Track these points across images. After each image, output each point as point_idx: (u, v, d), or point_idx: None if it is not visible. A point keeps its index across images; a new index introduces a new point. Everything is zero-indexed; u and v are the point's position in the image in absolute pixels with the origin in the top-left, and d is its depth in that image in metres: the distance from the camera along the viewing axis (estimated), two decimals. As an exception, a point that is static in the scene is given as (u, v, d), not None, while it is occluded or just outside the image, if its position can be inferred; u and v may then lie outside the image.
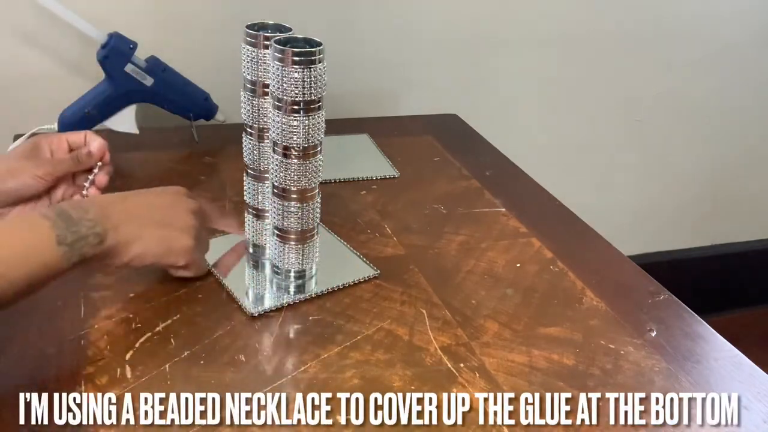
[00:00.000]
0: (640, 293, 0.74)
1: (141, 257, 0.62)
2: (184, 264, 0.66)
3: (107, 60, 0.92)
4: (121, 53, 0.92)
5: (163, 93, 0.96)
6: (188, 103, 0.99)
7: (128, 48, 0.92)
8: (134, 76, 0.93)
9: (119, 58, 0.92)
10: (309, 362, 0.60)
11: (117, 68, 0.92)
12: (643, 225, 1.57)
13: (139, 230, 0.62)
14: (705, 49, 1.41)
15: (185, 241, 0.65)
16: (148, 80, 0.94)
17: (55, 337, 0.61)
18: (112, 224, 0.59)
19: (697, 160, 1.54)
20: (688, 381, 0.61)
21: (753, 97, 1.52)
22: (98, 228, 0.58)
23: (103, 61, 0.92)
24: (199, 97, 1.01)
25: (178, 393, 0.55)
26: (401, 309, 0.68)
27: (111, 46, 0.91)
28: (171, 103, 0.98)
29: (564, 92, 1.35)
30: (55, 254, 0.55)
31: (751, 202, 1.65)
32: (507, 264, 0.76)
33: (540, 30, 1.28)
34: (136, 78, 0.93)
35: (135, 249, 0.61)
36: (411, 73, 1.23)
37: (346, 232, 0.80)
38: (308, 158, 0.63)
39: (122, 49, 0.92)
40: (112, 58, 0.92)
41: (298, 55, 0.59)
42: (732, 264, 1.70)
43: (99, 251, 0.58)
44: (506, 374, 0.60)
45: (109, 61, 0.92)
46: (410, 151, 1.03)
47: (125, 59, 0.92)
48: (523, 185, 0.97)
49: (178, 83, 0.98)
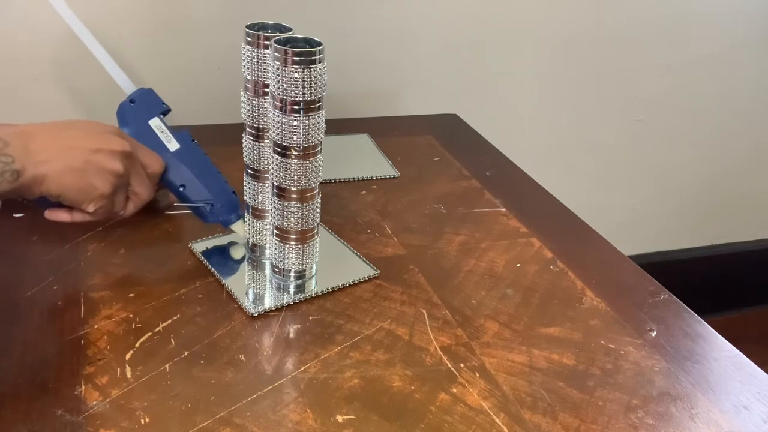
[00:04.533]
0: (640, 293, 0.74)
1: (54, 195, 0.63)
2: (92, 210, 0.66)
3: (131, 105, 0.76)
4: (150, 104, 0.77)
5: (186, 167, 0.75)
6: (211, 190, 0.76)
7: (160, 104, 0.77)
8: (158, 133, 0.76)
9: (146, 107, 0.76)
10: (309, 362, 0.60)
11: (140, 118, 0.76)
12: (643, 225, 1.57)
13: (58, 169, 0.62)
14: (705, 49, 1.41)
15: (102, 188, 0.65)
16: (173, 144, 0.76)
17: (55, 337, 0.61)
18: (31, 160, 0.60)
19: (697, 160, 1.54)
20: (688, 381, 0.61)
21: (753, 97, 1.52)
22: (16, 165, 0.58)
23: (125, 106, 0.76)
24: (227, 188, 0.77)
25: (178, 393, 0.55)
26: (401, 309, 0.68)
27: (141, 92, 0.77)
28: (191, 184, 0.76)
29: (564, 92, 1.35)
30: None
31: (751, 202, 1.65)
32: (507, 264, 0.76)
33: (540, 30, 1.28)
34: (158, 136, 0.76)
35: (50, 187, 0.62)
36: (411, 73, 1.23)
37: (346, 232, 0.80)
38: (308, 158, 0.63)
39: (152, 100, 0.77)
40: (138, 104, 0.76)
41: (298, 55, 0.59)
42: (732, 264, 1.70)
43: (14, 186, 0.59)
44: (506, 374, 0.60)
45: (134, 107, 0.76)
46: (410, 151, 1.03)
47: (153, 112, 0.77)
48: (523, 185, 0.97)
49: (205, 163, 0.77)
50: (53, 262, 0.70)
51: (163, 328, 0.62)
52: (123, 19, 1.02)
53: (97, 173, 0.65)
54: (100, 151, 0.65)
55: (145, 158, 0.71)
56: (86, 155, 0.64)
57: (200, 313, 0.65)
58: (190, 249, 0.74)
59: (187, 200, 0.76)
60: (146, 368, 0.58)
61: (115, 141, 0.67)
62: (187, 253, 0.74)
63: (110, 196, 0.66)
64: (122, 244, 0.74)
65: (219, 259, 0.72)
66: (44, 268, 0.69)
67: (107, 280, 0.68)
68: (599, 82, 1.37)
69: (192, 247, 0.74)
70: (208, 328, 0.63)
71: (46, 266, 0.70)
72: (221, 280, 0.69)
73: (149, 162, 0.72)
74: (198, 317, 0.64)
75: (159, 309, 0.65)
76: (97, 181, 0.65)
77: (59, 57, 1.00)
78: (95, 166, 0.64)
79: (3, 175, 0.58)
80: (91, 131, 0.66)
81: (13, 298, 0.65)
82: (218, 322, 0.64)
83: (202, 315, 0.65)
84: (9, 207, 0.79)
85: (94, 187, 0.65)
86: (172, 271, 0.71)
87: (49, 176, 0.61)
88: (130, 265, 0.71)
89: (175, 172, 0.75)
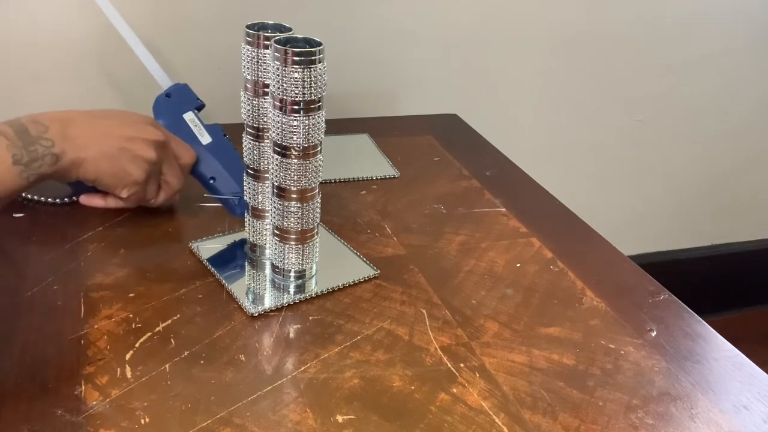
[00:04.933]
0: (640, 293, 0.74)
1: (90, 179, 0.66)
2: (126, 196, 0.69)
3: (167, 99, 0.79)
4: (186, 98, 0.80)
5: (217, 160, 0.79)
6: (240, 183, 0.79)
7: (195, 99, 0.81)
8: (191, 126, 0.79)
9: (182, 101, 0.80)
10: (309, 362, 0.60)
11: (175, 112, 0.79)
12: (643, 225, 1.57)
13: (95, 154, 0.65)
14: (705, 49, 1.41)
15: (136, 174, 0.68)
16: (205, 138, 0.80)
17: (55, 337, 0.61)
18: (70, 145, 0.62)
19: (697, 160, 1.54)
20: (688, 381, 0.61)
21: (753, 97, 1.52)
22: (55, 148, 0.61)
23: (161, 100, 0.80)
24: None
25: (178, 393, 0.55)
26: (401, 309, 0.68)
27: (177, 87, 0.81)
28: (221, 176, 0.79)
29: (564, 92, 1.35)
30: (10, 173, 0.58)
31: (751, 202, 1.65)
32: (507, 264, 0.76)
33: (540, 30, 1.28)
34: (192, 129, 0.79)
35: (87, 171, 0.65)
36: (411, 73, 1.23)
37: (346, 232, 0.80)
38: (308, 158, 0.63)
39: (188, 95, 0.81)
40: (174, 98, 0.80)
41: (298, 55, 0.59)
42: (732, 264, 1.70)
43: (54, 170, 0.61)
44: (506, 374, 0.60)
45: (170, 101, 0.79)
46: (410, 151, 1.03)
47: (188, 107, 0.80)
48: (523, 185, 0.97)
49: (236, 158, 0.80)
50: (53, 262, 0.70)
51: (163, 328, 0.62)
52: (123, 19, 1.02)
53: (131, 160, 0.68)
54: (135, 139, 0.68)
55: (178, 149, 0.74)
56: (122, 142, 0.67)
57: (200, 313, 0.65)
58: (190, 249, 0.74)
59: (216, 192, 0.80)
60: (146, 368, 0.58)
61: (149, 130, 0.70)
62: (187, 253, 0.74)
63: (143, 182, 0.70)
64: (122, 244, 0.74)
65: (219, 259, 0.72)
66: (44, 268, 0.69)
67: (107, 280, 0.68)
68: (599, 82, 1.37)
69: (192, 247, 0.74)
70: (208, 328, 0.63)
71: (46, 266, 0.70)
72: (221, 280, 0.69)
73: (182, 153, 0.75)
74: (198, 317, 0.64)
75: (159, 309, 0.65)
76: (132, 168, 0.68)
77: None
78: (130, 153, 0.67)
79: (44, 159, 0.60)
80: (127, 120, 0.69)
81: (13, 298, 0.65)
82: (218, 322, 0.64)
83: (202, 315, 0.65)
84: (9, 207, 0.79)
85: (128, 173, 0.68)
86: (172, 271, 0.71)
87: (87, 161, 0.64)
88: (130, 265, 0.71)
89: (206, 165, 0.79)
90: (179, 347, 0.60)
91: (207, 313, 0.65)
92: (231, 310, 0.66)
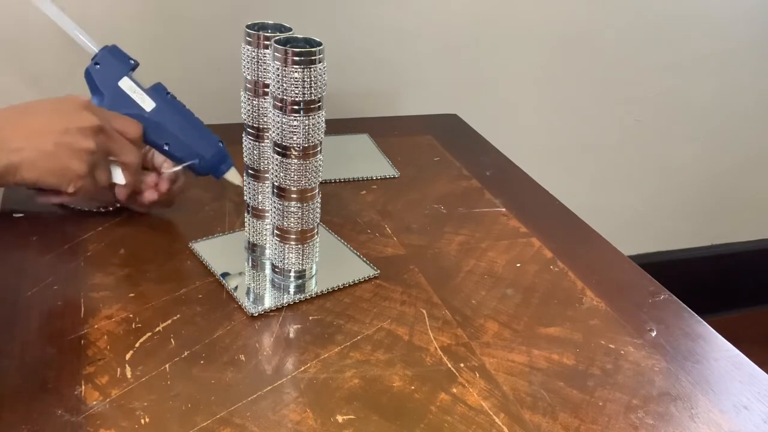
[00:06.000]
0: (640, 293, 0.74)
1: (30, 183, 0.63)
2: (73, 191, 0.66)
3: (97, 69, 0.73)
4: (117, 63, 0.73)
5: (166, 125, 0.74)
6: (197, 145, 0.75)
7: (127, 60, 0.74)
8: (130, 94, 0.73)
9: (113, 68, 0.73)
10: (309, 362, 0.60)
11: (109, 81, 0.73)
12: (643, 225, 1.57)
13: (31, 156, 0.62)
14: (705, 49, 1.41)
15: (78, 168, 0.64)
16: (148, 104, 0.73)
17: (55, 337, 0.61)
18: (8, 148, 0.60)
19: (697, 160, 1.54)
20: (688, 381, 0.61)
21: (753, 97, 1.52)
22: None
23: (91, 70, 0.73)
24: (212, 139, 0.77)
25: (178, 393, 0.55)
26: (401, 309, 0.68)
27: (105, 50, 0.74)
28: (174, 141, 0.74)
29: (564, 92, 1.35)
30: None
31: (751, 202, 1.65)
32: (507, 264, 0.76)
33: (540, 30, 1.28)
34: (131, 98, 0.73)
35: (24, 175, 0.62)
36: (411, 73, 1.23)
37: (346, 232, 0.80)
38: (308, 158, 0.63)
39: (119, 59, 0.74)
40: (103, 67, 0.73)
41: (298, 55, 0.59)
42: (732, 264, 1.70)
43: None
44: (506, 374, 0.60)
45: (100, 70, 0.73)
46: (410, 151, 1.03)
47: (121, 72, 0.73)
48: (523, 185, 0.97)
49: (187, 115, 0.76)
50: (53, 262, 0.70)
51: (163, 328, 0.62)
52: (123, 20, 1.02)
53: (70, 155, 0.64)
54: (69, 131, 0.64)
55: (120, 125, 0.70)
56: (56, 137, 0.63)
57: (200, 313, 0.65)
58: (190, 249, 0.74)
59: (174, 158, 0.75)
60: (146, 368, 0.58)
61: (83, 117, 0.65)
62: (187, 253, 0.74)
63: (88, 174, 0.66)
64: (122, 244, 0.74)
65: (219, 259, 0.72)
66: (44, 268, 0.69)
67: (107, 280, 0.68)
68: (599, 82, 1.37)
69: (192, 247, 0.74)
70: (208, 328, 0.63)
71: (46, 266, 0.70)
72: (221, 280, 0.69)
73: (126, 128, 0.70)
74: (198, 317, 0.64)
75: (159, 309, 0.65)
76: (72, 163, 0.64)
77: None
78: (67, 148, 0.63)
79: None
80: (57, 111, 0.65)
81: (13, 298, 0.65)
82: (218, 322, 0.64)
83: (202, 315, 0.65)
84: (9, 207, 0.79)
85: (69, 168, 0.64)
86: (172, 271, 0.71)
87: (23, 164, 0.61)
88: (130, 265, 0.71)
89: (157, 133, 0.74)
90: (179, 347, 0.60)
91: (207, 313, 0.65)
92: (231, 310, 0.66)
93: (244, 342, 0.62)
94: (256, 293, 0.69)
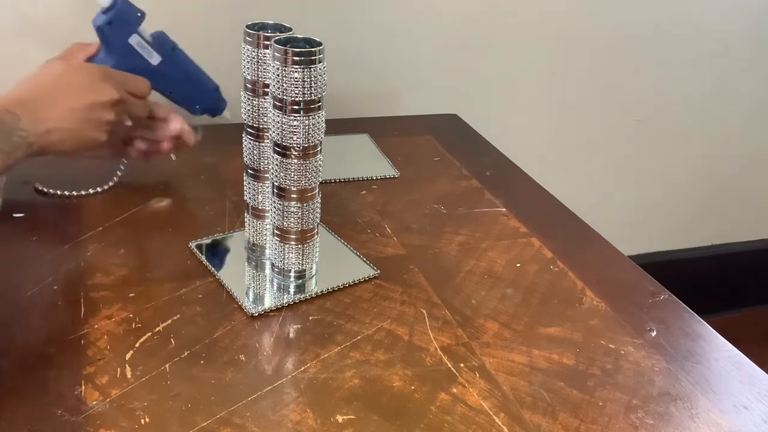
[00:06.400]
0: (640, 293, 0.74)
1: (57, 154, 0.69)
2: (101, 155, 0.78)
3: (109, 27, 0.77)
4: (127, 20, 0.78)
5: (170, 76, 0.83)
6: (196, 93, 0.86)
7: (136, 15, 0.79)
8: (139, 50, 0.79)
9: (124, 26, 0.78)
10: (309, 362, 0.60)
11: (120, 39, 0.78)
12: (643, 225, 1.57)
13: (62, 135, 0.68)
14: (705, 49, 1.41)
15: (99, 138, 0.71)
16: (155, 58, 0.81)
17: (55, 337, 0.61)
18: (40, 131, 0.65)
19: (697, 159, 1.54)
20: (688, 381, 0.61)
21: (753, 97, 1.52)
22: (30, 137, 0.64)
23: (104, 28, 0.77)
24: (209, 87, 0.88)
25: (178, 393, 0.55)
26: (401, 309, 0.68)
27: (116, 9, 0.77)
28: (177, 89, 0.84)
29: (564, 92, 1.35)
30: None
31: (751, 202, 1.65)
32: (507, 264, 0.76)
33: (540, 30, 1.28)
34: (141, 53, 0.80)
35: (54, 149, 0.68)
36: (411, 73, 1.23)
37: (346, 232, 0.80)
38: (308, 158, 0.63)
39: (129, 16, 0.78)
40: (115, 25, 0.77)
41: (298, 55, 0.59)
42: (732, 264, 1.70)
43: (26, 156, 0.65)
44: (506, 374, 0.60)
45: (112, 28, 0.77)
46: (410, 151, 1.03)
47: (131, 29, 0.78)
48: (523, 185, 0.97)
49: (188, 66, 0.85)
50: (53, 262, 0.70)
51: (163, 328, 0.62)
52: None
53: (94, 128, 0.70)
54: (94, 107, 0.70)
55: (131, 87, 0.76)
56: (83, 113, 0.69)
57: (200, 313, 0.65)
58: (190, 249, 0.74)
59: (177, 102, 0.86)
60: (146, 368, 0.58)
61: (104, 90, 0.71)
62: (187, 253, 0.74)
63: (107, 141, 0.72)
64: (122, 244, 0.74)
65: (219, 259, 0.72)
66: (44, 268, 0.69)
67: (107, 280, 0.68)
68: (599, 82, 1.37)
69: (192, 247, 0.74)
70: (208, 328, 0.63)
71: (46, 266, 0.70)
72: (221, 280, 0.69)
73: (136, 89, 0.77)
74: (198, 317, 0.64)
75: (159, 309, 0.65)
76: (95, 133, 0.71)
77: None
78: (92, 122, 0.70)
79: (20, 149, 0.64)
80: (81, 86, 0.70)
81: (13, 298, 0.65)
82: (218, 322, 0.64)
83: (202, 315, 0.65)
84: (9, 207, 0.79)
85: (92, 138, 0.71)
86: (172, 271, 0.71)
87: (54, 144, 0.67)
88: (130, 265, 0.71)
89: (162, 83, 0.82)
90: (179, 347, 0.60)
91: (207, 313, 0.65)
92: (231, 310, 0.66)
93: (244, 342, 0.62)
94: (256, 293, 0.69)
